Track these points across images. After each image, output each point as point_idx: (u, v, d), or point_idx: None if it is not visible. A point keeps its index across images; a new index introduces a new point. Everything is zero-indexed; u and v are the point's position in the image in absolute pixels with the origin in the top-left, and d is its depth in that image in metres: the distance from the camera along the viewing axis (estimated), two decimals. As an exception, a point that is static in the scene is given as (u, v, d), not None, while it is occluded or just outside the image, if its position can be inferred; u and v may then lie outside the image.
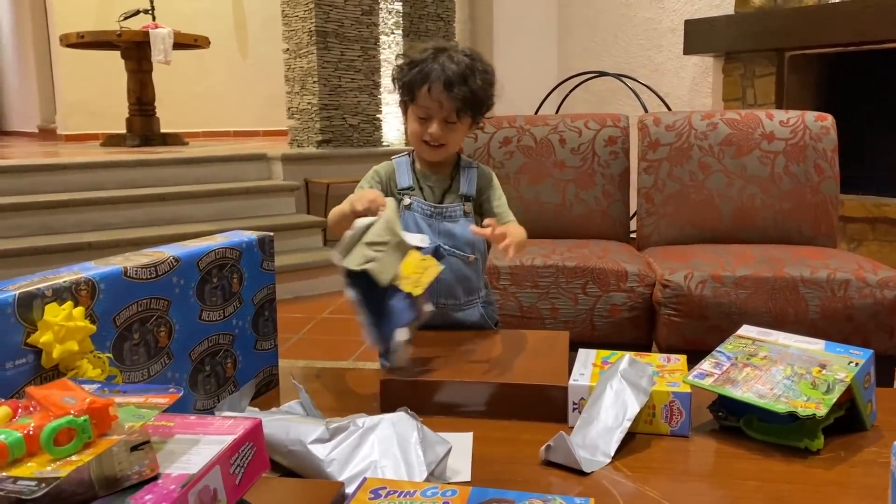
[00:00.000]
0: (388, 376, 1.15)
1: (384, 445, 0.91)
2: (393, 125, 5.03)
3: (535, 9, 5.25)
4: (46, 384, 0.63)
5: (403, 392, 1.14)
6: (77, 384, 0.63)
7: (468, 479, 0.92)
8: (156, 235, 3.50)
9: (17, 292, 0.80)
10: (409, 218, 1.52)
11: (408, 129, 1.54)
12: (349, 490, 0.82)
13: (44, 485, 0.52)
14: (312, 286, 3.80)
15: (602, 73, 4.37)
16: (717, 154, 2.51)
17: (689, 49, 4.13)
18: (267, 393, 1.25)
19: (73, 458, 0.55)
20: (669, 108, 4.07)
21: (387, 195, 1.49)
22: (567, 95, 4.53)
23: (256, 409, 1.07)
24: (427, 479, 0.87)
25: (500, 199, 1.58)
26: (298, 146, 4.77)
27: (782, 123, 2.50)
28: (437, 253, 1.29)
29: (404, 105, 1.53)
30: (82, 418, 0.56)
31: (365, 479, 0.81)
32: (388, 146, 4.94)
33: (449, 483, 0.86)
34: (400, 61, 1.54)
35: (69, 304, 0.84)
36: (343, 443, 0.91)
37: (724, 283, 2.05)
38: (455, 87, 1.43)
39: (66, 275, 0.87)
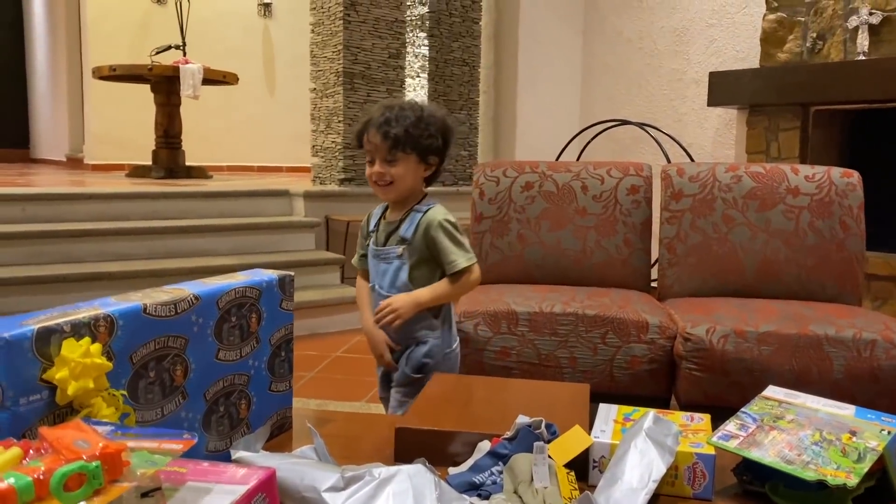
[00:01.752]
0: (403, 424, 1.13)
1: (400, 499, 0.88)
2: (415, 166, 5.06)
3: (559, 56, 5.30)
4: (59, 425, 0.62)
5: (418, 441, 1.11)
6: (90, 426, 0.61)
7: (484, 536, 0.89)
8: (176, 267, 3.51)
9: (36, 327, 0.79)
10: (369, 261, 1.79)
11: None
12: (362, 544, 0.80)
13: (51, 533, 0.50)
14: (329, 323, 3.79)
15: (625, 122, 4.38)
16: (740, 207, 2.49)
17: (714, 101, 4.14)
18: (280, 435, 1.23)
19: (83, 505, 0.53)
20: (692, 159, 4.06)
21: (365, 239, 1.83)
22: (589, 143, 4.55)
23: (268, 452, 1.05)
24: (442, 536, 0.84)
25: (443, 244, 1.70)
26: (321, 183, 4.80)
27: (808, 178, 2.48)
28: None
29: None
30: (94, 464, 0.54)
31: (378, 533, 0.78)
32: (410, 186, 4.96)
33: (464, 541, 0.83)
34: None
35: (86, 340, 0.83)
36: (358, 493, 0.88)
37: (746, 339, 2.01)
38: (385, 128, 1.64)
39: (86, 310, 0.86)
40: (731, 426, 1.07)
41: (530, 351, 2.12)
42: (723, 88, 4.08)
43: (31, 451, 0.58)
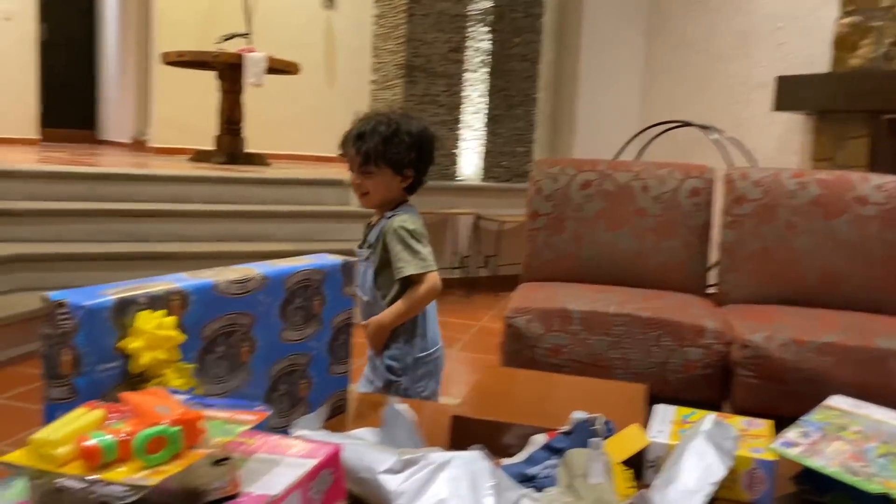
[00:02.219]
0: (460, 412, 1.14)
1: (455, 484, 0.89)
2: (470, 161, 5.06)
3: (621, 55, 5.24)
4: (140, 391, 0.64)
5: (474, 430, 1.12)
6: (170, 394, 0.64)
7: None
8: (234, 251, 3.59)
9: (115, 297, 0.82)
10: None
11: None
12: (417, 526, 0.81)
13: (134, 491, 0.52)
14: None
15: (686, 123, 4.31)
16: (805, 214, 2.43)
17: (780, 106, 4.04)
18: (336, 417, 1.25)
19: (163, 467, 0.55)
20: (754, 164, 3.98)
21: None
22: (648, 143, 4.49)
23: (327, 431, 1.07)
24: (496, 525, 0.85)
25: (394, 250, 1.74)
26: (377, 175, 4.84)
27: (878, 188, 2.41)
28: None
29: None
30: (175, 429, 0.56)
31: (435, 516, 0.79)
32: (463, 181, 4.98)
33: (520, 531, 0.83)
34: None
35: (161, 312, 0.86)
36: (414, 476, 0.89)
37: (806, 349, 1.97)
38: (358, 143, 1.72)
39: (161, 284, 0.89)
40: (792, 433, 1.04)
41: (582, 350, 2.11)
42: (790, 93, 3.98)
43: (113, 414, 0.60)
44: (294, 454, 0.65)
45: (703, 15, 4.80)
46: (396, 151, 1.72)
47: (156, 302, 0.86)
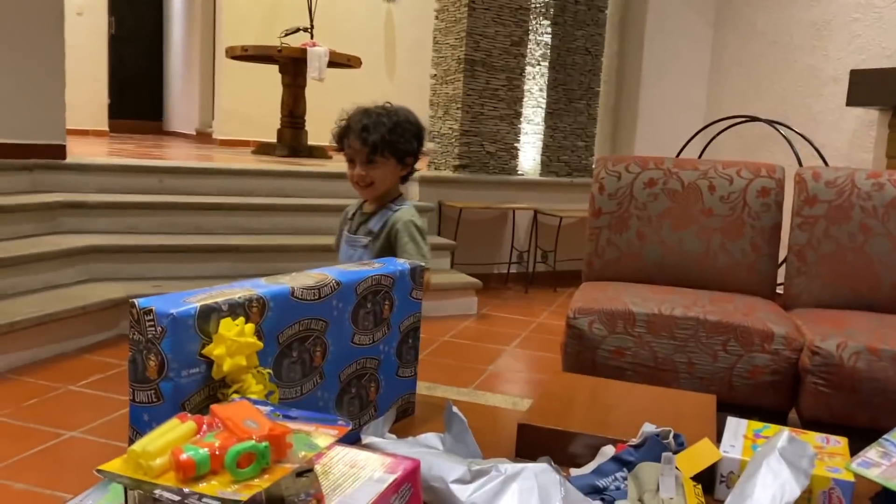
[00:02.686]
0: (527, 420, 1.14)
1: (525, 496, 0.89)
2: (530, 155, 5.04)
3: (688, 48, 5.13)
4: (227, 405, 0.66)
5: (540, 439, 1.12)
6: (255, 406, 0.65)
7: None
8: (297, 244, 3.65)
9: (199, 305, 0.84)
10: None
11: None
12: (490, 538, 0.81)
13: (226, 505, 0.54)
14: (438, 307, 3.84)
15: (754, 118, 4.20)
16: (881, 217, 2.35)
17: (853, 100, 3.90)
18: (403, 419, 1.26)
19: (252, 481, 0.57)
20: (825, 161, 3.85)
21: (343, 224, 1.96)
22: (713, 138, 4.39)
23: (394, 435, 1.09)
24: (566, 538, 0.85)
25: (402, 241, 1.80)
26: (436, 169, 4.86)
27: (960, 190, 2.31)
28: None
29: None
30: (263, 444, 0.58)
31: (508, 529, 0.79)
32: (523, 175, 4.96)
33: (592, 546, 0.83)
34: (339, 120, 1.86)
35: (241, 319, 0.88)
36: (484, 487, 0.90)
37: (881, 358, 1.90)
38: (364, 135, 1.76)
39: (241, 291, 0.92)
40: (872, 453, 1.02)
41: (646, 353, 2.08)
42: (865, 87, 3.84)
43: (204, 427, 0.62)
44: (374, 468, 0.66)
45: (775, 5, 4.66)
46: (402, 141, 1.79)
47: (236, 309, 0.89)
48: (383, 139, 1.77)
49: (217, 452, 0.57)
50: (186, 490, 0.55)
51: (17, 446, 2.09)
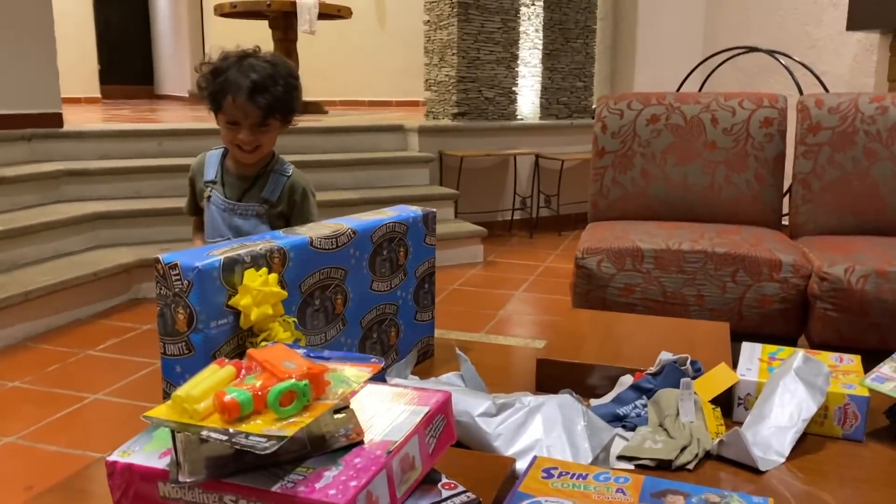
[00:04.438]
0: (545, 356, 1.16)
1: (549, 426, 0.92)
2: (528, 98, 5.00)
3: (682, -20, 5.04)
4: (264, 349, 0.68)
5: (559, 372, 1.14)
6: (290, 349, 0.67)
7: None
8: (300, 200, 3.65)
9: (223, 257, 0.86)
10: (208, 211, 1.65)
11: (221, 134, 1.62)
12: (519, 466, 0.84)
13: (273, 441, 0.56)
14: (444, 257, 3.86)
15: (753, 49, 4.15)
16: (885, 140, 2.34)
17: (854, 24, 3.85)
18: (423, 362, 1.29)
19: (295, 418, 0.59)
20: (826, 88, 3.82)
21: (195, 188, 1.71)
22: (713, 72, 4.34)
23: (416, 377, 1.11)
24: (591, 464, 0.88)
25: (305, 209, 1.66)
26: (434, 118, 4.83)
27: (964, 109, 2.30)
28: None
29: (211, 111, 1.61)
30: (303, 382, 0.60)
31: (535, 457, 0.82)
32: (522, 120, 4.92)
33: (620, 469, 0.86)
34: (204, 70, 1.61)
35: (264, 270, 0.89)
36: (509, 419, 0.93)
37: (889, 279, 1.92)
38: (258, 96, 1.53)
39: (261, 243, 0.93)
40: (885, 368, 1.04)
41: (656, 288, 2.11)
42: (864, 11, 3.79)
43: (242, 371, 0.64)
44: (407, 401, 0.69)
45: (770, -68, 4.56)
46: (292, 100, 1.61)
47: (258, 260, 0.90)
48: (277, 101, 1.56)
49: (259, 393, 0.59)
50: (232, 430, 0.58)
51: (44, 411, 2.13)
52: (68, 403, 2.19)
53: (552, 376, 1.14)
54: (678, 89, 4.20)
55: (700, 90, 4.19)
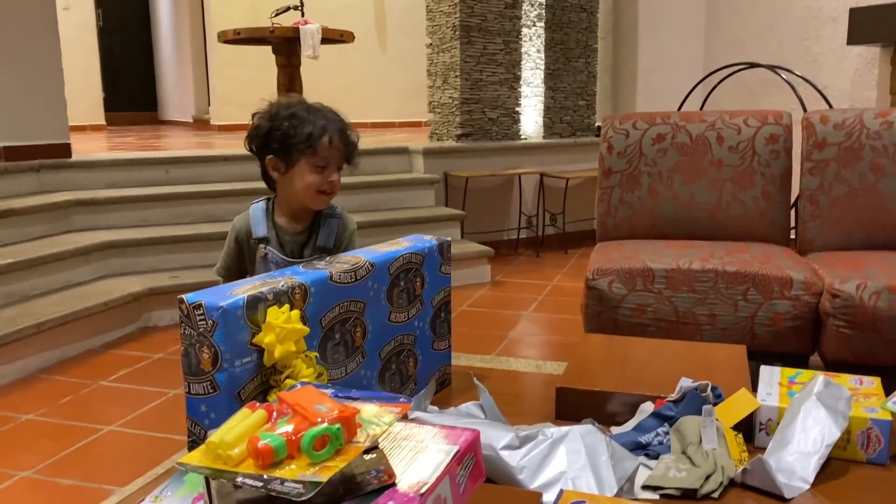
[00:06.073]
0: (564, 384, 1.17)
1: (573, 457, 0.92)
2: (531, 118, 5.02)
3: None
4: (294, 391, 0.69)
5: (579, 400, 1.14)
6: (319, 390, 0.68)
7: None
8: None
9: (246, 296, 0.87)
10: (264, 269, 1.52)
11: (296, 183, 1.52)
12: (546, 499, 0.84)
13: (308, 487, 0.56)
14: (452, 278, 3.86)
15: (754, 65, 4.16)
16: (891, 155, 2.35)
17: (854, 39, 3.87)
18: (441, 391, 1.29)
19: (329, 463, 0.59)
20: (829, 102, 3.83)
21: (244, 248, 1.58)
22: (714, 88, 4.36)
23: (436, 408, 1.11)
24: (616, 496, 0.88)
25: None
26: (438, 139, 4.85)
27: (970, 122, 2.31)
28: None
29: (284, 160, 1.52)
30: (336, 426, 0.60)
31: (562, 491, 0.82)
32: (526, 139, 4.94)
33: (646, 500, 0.86)
34: (282, 113, 1.52)
35: (286, 307, 0.90)
36: (533, 451, 0.93)
37: (901, 295, 1.92)
38: (345, 136, 1.53)
39: (282, 279, 0.94)
40: (906, 391, 1.04)
41: (667, 308, 2.11)
42: (865, 25, 3.81)
43: (273, 414, 0.64)
44: (437, 440, 0.69)
45: (767, -52, 4.60)
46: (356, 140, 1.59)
47: (280, 297, 0.91)
48: (354, 143, 1.56)
49: (293, 438, 0.59)
50: (266, 476, 0.58)
51: (58, 444, 2.13)
52: (83, 436, 2.19)
53: (572, 404, 1.14)
54: (680, 106, 4.21)
55: (702, 107, 4.20)
